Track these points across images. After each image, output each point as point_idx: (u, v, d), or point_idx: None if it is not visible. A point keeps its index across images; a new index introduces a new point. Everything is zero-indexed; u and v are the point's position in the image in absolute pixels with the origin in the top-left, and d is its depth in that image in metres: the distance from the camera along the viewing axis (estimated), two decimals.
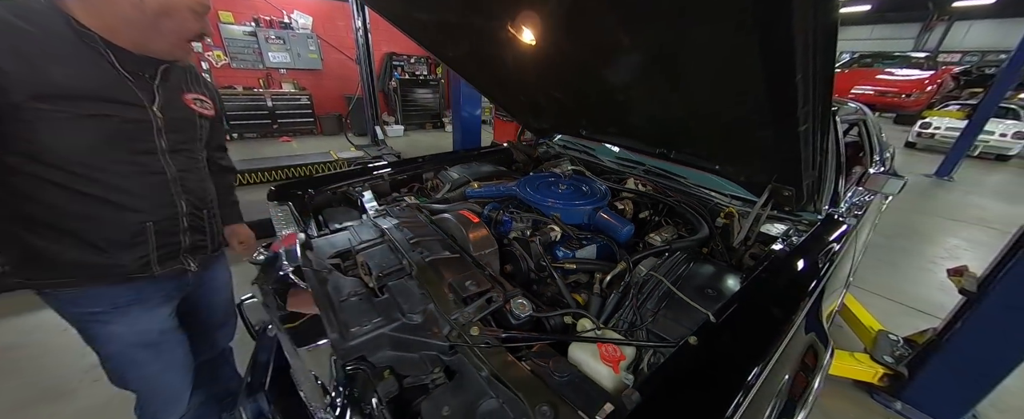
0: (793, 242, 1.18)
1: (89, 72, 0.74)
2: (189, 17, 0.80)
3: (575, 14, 0.82)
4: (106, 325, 0.89)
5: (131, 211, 0.84)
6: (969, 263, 1.87)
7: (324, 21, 6.70)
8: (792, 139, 0.75)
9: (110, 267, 0.85)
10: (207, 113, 1.00)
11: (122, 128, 0.79)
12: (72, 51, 0.72)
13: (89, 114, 0.74)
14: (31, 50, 0.67)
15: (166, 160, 0.88)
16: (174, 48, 0.83)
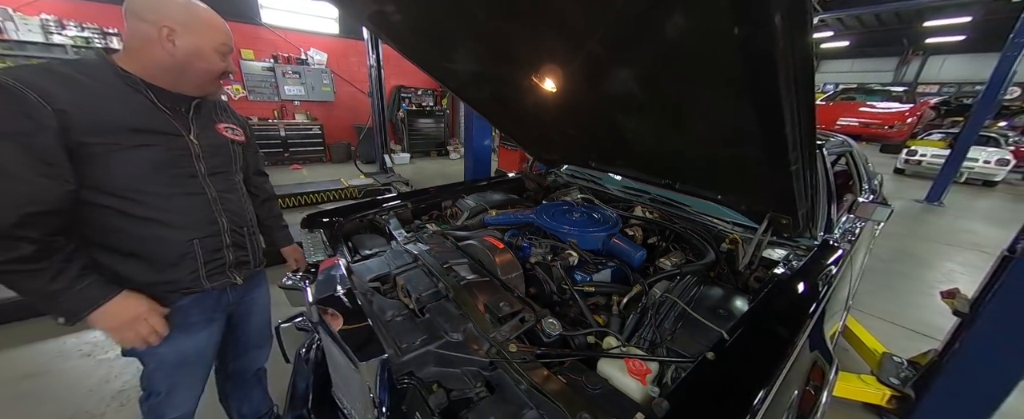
0: (793, 266, 1.29)
1: (134, 110, 0.87)
2: (215, 58, 0.93)
3: (594, 69, 0.98)
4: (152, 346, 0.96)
5: (179, 229, 0.95)
6: (965, 287, 1.95)
7: (338, 57, 7.12)
8: (786, 176, 0.88)
9: (165, 283, 0.95)
10: (238, 139, 1.12)
11: (165, 156, 0.91)
12: (120, 94, 0.85)
13: (136, 145, 0.86)
14: (88, 97, 0.81)
15: (206, 182, 0.99)
16: (204, 85, 0.96)
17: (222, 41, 0.93)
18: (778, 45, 0.51)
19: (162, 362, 1.02)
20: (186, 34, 0.87)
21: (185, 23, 0.87)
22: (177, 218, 0.94)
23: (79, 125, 0.78)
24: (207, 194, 0.99)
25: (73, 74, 0.81)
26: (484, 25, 1.06)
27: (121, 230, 0.88)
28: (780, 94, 0.60)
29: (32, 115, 0.73)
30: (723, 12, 0.53)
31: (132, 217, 0.88)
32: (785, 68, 0.54)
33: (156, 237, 0.92)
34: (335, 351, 0.97)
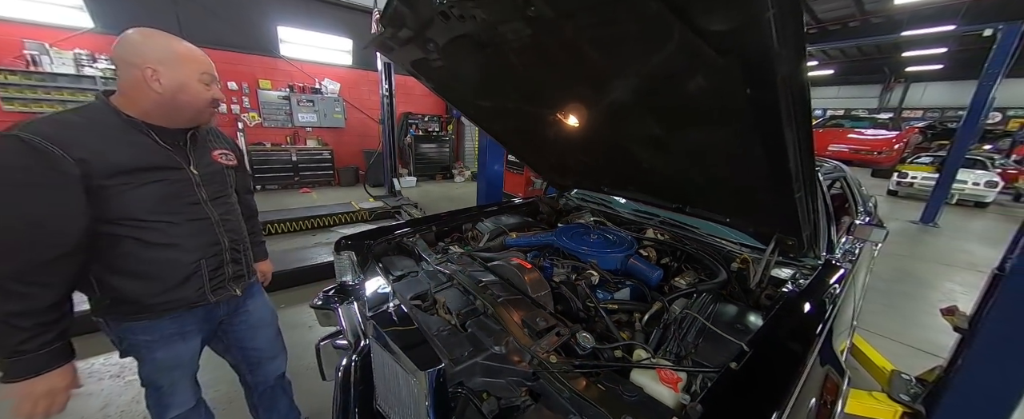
0: (801, 284, 1.39)
1: (141, 151, 0.95)
2: (198, 88, 0.99)
3: (618, 110, 1.12)
4: (152, 351, 1.07)
5: (188, 252, 1.04)
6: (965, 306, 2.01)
7: (350, 86, 7.47)
8: (790, 201, 1.01)
9: (175, 301, 1.04)
10: (231, 163, 1.21)
11: (171, 189, 1.00)
12: (127, 137, 0.94)
13: (145, 182, 0.95)
14: (101, 144, 0.89)
15: (208, 207, 1.08)
16: (196, 116, 1.04)
17: (202, 71, 1.00)
18: (781, 99, 0.65)
19: (159, 366, 1.09)
20: (168, 71, 0.94)
21: (165, 60, 0.94)
22: (186, 242, 1.03)
23: (98, 171, 0.86)
24: (211, 218, 1.09)
25: (85, 123, 0.90)
26: (520, 72, 1.23)
27: (134, 255, 0.96)
28: (783, 135, 0.74)
29: (56, 167, 0.81)
30: (736, 76, 0.68)
31: (145, 243, 0.97)
32: (786, 115, 0.68)
33: (167, 260, 1.01)
34: (387, 362, 1.05)
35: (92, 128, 0.89)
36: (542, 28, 0.89)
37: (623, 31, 0.69)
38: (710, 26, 0.58)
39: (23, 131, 0.80)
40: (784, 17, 0.50)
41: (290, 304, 2.85)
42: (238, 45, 6.23)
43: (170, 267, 1.02)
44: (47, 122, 0.86)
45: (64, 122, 0.88)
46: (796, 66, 0.57)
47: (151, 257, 0.98)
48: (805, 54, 0.55)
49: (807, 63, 0.57)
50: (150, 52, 0.93)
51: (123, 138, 0.93)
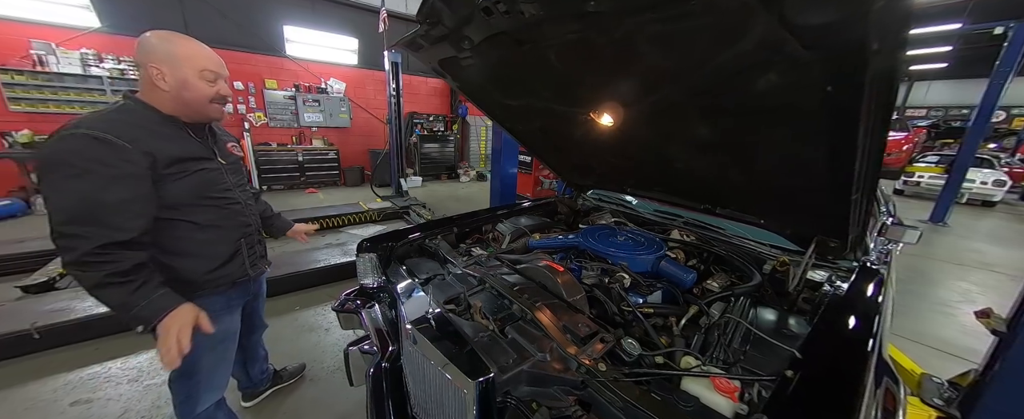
0: (840, 287, 1.36)
1: (182, 142, 1.06)
2: (201, 85, 1.05)
3: (665, 109, 1.09)
4: (214, 321, 1.09)
5: (229, 231, 1.19)
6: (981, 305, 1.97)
7: (356, 86, 7.44)
8: (845, 204, 0.98)
9: (225, 275, 1.18)
10: (240, 154, 1.33)
11: (209, 177, 1.12)
12: (170, 131, 1.04)
13: (191, 171, 1.06)
14: (156, 138, 0.99)
15: (236, 193, 1.21)
16: (204, 110, 1.09)
17: (202, 67, 1.05)
18: (865, 99, 0.62)
19: (212, 340, 1.15)
20: (171, 69, 1.01)
21: (167, 60, 1.01)
22: (226, 223, 1.17)
23: (160, 161, 0.98)
24: (241, 202, 1.23)
25: (133, 120, 0.99)
26: (557, 70, 1.19)
27: (187, 237, 1.09)
28: (856, 136, 0.71)
29: (131, 160, 0.93)
30: (816, 74, 0.64)
31: (195, 225, 1.09)
32: (866, 115, 0.65)
33: (214, 240, 1.15)
34: (428, 369, 1.02)
35: (140, 125, 0.98)
36: (595, 24, 0.85)
37: (695, 25, 0.66)
38: (806, 20, 0.55)
39: (88, 129, 0.89)
40: (892, 9, 0.47)
41: (306, 306, 2.82)
42: (244, 45, 6.20)
43: (217, 246, 1.16)
44: (101, 120, 0.93)
45: (116, 120, 0.96)
46: (892, 64, 0.54)
47: (202, 238, 1.12)
48: (905, 51, 0.52)
49: (904, 61, 0.53)
50: (155, 52, 1.01)
51: (165, 132, 1.03)
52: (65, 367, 2.04)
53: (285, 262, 3.22)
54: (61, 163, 0.87)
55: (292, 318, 2.65)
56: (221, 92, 1.11)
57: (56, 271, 2.82)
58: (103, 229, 0.88)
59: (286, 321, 2.62)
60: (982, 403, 1.66)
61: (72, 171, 0.87)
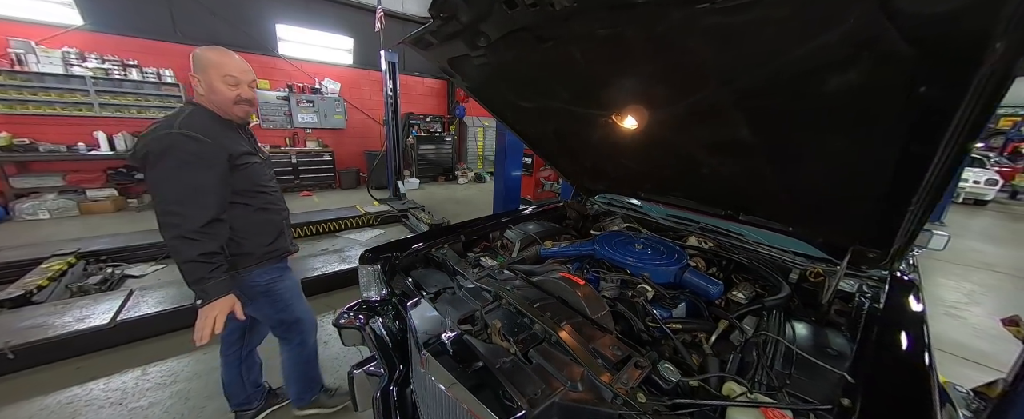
0: (876, 298, 1.28)
1: (237, 138, 1.29)
2: (224, 89, 1.23)
3: (704, 111, 1.00)
4: (281, 281, 1.53)
5: (276, 213, 1.46)
6: (988, 308, 1.90)
7: (351, 86, 7.28)
8: (899, 214, 0.90)
9: (278, 249, 1.47)
10: (269, 153, 1.76)
11: (258, 168, 1.35)
12: (230, 130, 1.28)
13: (248, 163, 1.29)
14: (225, 135, 1.23)
15: (274, 184, 1.46)
16: (229, 110, 1.27)
17: (225, 73, 1.22)
18: (965, 102, 0.54)
19: (287, 292, 1.57)
20: (202, 76, 1.22)
21: (199, 69, 1.22)
22: (272, 207, 1.43)
23: (232, 155, 1.22)
24: (278, 191, 1.49)
25: (202, 121, 1.20)
26: (580, 70, 1.10)
27: (248, 218, 1.34)
28: (937, 144, 0.63)
29: (216, 153, 1.17)
30: (907, 72, 0.56)
31: (253, 208, 1.35)
32: (959, 121, 0.57)
33: (268, 220, 1.42)
34: (445, 399, 0.92)
35: (211, 125, 1.20)
36: (635, 17, 0.76)
37: (765, 16, 0.57)
38: (920, 8, 0.46)
39: (180, 129, 1.12)
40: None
41: None
42: (235, 43, 6.02)
43: (271, 225, 1.43)
44: (184, 122, 1.14)
45: (195, 122, 1.17)
46: (1010, 64, 0.46)
47: (257, 219, 1.37)
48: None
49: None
50: (194, 63, 1.23)
51: (227, 131, 1.26)
52: (42, 390, 1.89)
53: None
54: (166, 156, 1.09)
55: None
56: (242, 95, 1.26)
57: (34, 283, 2.65)
58: (200, 209, 1.11)
59: None
60: (1014, 415, 1.60)
61: (175, 163, 1.09)
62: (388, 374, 1.34)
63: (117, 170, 5.37)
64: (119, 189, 5.36)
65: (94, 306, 2.42)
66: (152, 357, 2.21)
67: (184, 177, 1.10)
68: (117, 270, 3.29)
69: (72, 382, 1.94)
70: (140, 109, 5.42)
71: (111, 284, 3.07)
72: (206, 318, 1.15)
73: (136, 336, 2.36)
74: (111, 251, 3.43)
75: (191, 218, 1.09)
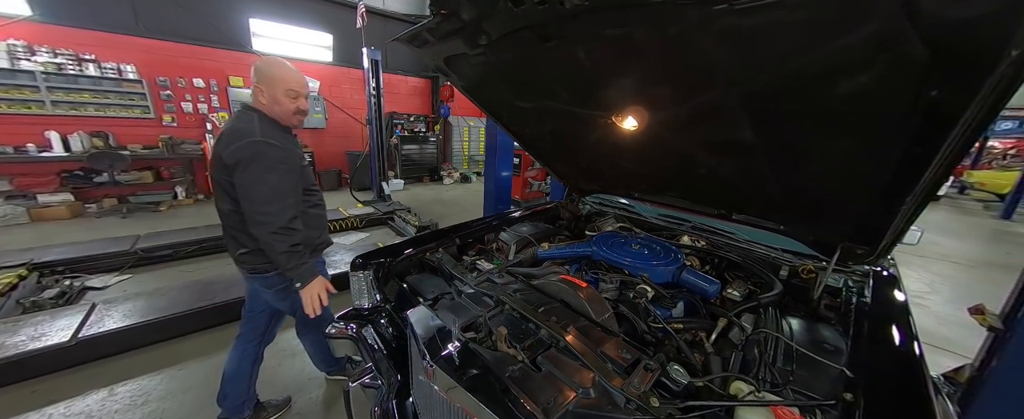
0: (862, 293, 1.33)
1: (296, 146, 1.47)
2: (286, 101, 1.38)
3: (702, 111, 1.01)
4: (322, 271, 1.71)
5: (322, 209, 1.65)
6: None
7: (330, 85, 7.04)
8: (892, 213, 0.93)
9: (323, 241, 1.68)
10: None
11: (307, 172, 1.52)
12: (290, 137, 1.46)
13: (304, 166, 1.48)
14: (290, 143, 1.42)
15: (317, 185, 1.63)
16: (289, 120, 1.44)
17: (287, 88, 1.36)
18: (972, 106, 0.55)
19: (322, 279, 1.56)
20: (267, 88, 1.35)
21: (265, 81, 1.35)
22: (321, 204, 1.64)
23: (299, 159, 1.43)
24: (320, 190, 1.66)
25: (276, 130, 1.38)
26: (584, 70, 1.08)
27: (308, 213, 1.54)
28: (939, 147, 0.65)
29: (291, 158, 1.36)
30: (918, 76, 0.58)
31: (309, 204, 1.55)
32: (963, 125, 0.59)
33: (319, 215, 1.62)
34: (453, 410, 0.89)
35: (279, 133, 1.37)
36: (647, 17, 0.75)
37: (784, 19, 0.57)
38: (944, 12, 0.47)
39: (262, 138, 1.28)
40: None
41: (285, 327, 2.56)
42: (204, 38, 5.70)
43: (319, 220, 1.62)
44: (261, 131, 1.30)
45: (269, 132, 1.33)
46: (1020, 69, 0.47)
47: (313, 214, 1.57)
48: None
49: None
50: (258, 74, 1.36)
51: (290, 138, 1.46)
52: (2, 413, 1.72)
53: None
54: (255, 162, 1.25)
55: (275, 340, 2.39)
56: (301, 107, 1.42)
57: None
58: (286, 208, 1.30)
59: None
60: (982, 399, 1.71)
61: (262, 168, 1.26)
62: (386, 386, 1.29)
63: (73, 173, 4.97)
64: (75, 194, 4.96)
65: (51, 322, 2.22)
66: (120, 376, 2.05)
67: (271, 180, 1.28)
68: (76, 282, 3.04)
69: (28, 407, 1.77)
70: (98, 107, 5.04)
71: (70, 298, 2.83)
72: (311, 297, 1.42)
73: (101, 354, 2.18)
74: (69, 261, 3.16)
75: (279, 216, 1.28)
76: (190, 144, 5.68)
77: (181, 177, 5.71)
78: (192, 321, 2.43)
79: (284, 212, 1.30)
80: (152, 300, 2.52)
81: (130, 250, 3.34)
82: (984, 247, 5.49)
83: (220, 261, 3.68)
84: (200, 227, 4.07)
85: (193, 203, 5.81)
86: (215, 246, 3.79)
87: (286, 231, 1.30)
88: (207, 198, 6.05)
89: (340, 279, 3.07)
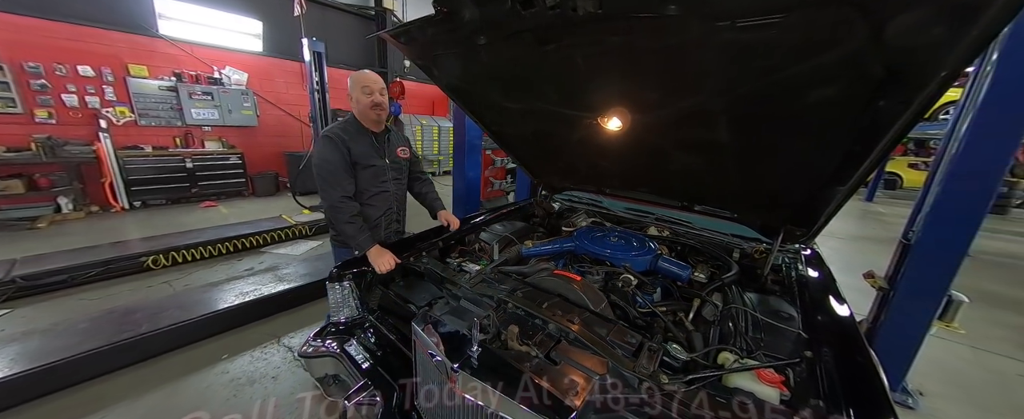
0: (799, 267, 1.59)
1: (365, 147, 1.69)
2: (361, 97, 1.63)
3: (686, 114, 1.12)
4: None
5: (376, 209, 1.80)
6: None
7: (261, 78, 6.29)
8: (830, 198, 1.13)
9: (374, 235, 1.70)
10: (406, 156, 1.91)
11: (375, 172, 1.73)
12: (362, 137, 1.69)
13: (364, 165, 1.69)
14: (353, 142, 1.65)
15: (390, 185, 1.82)
16: (366, 113, 1.67)
17: (363, 85, 1.62)
18: (906, 113, 0.71)
19: None
20: (351, 90, 1.66)
21: (351, 86, 1.65)
22: (378, 202, 1.80)
23: (352, 153, 1.64)
24: (390, 192, 1.84)
25: (348, 128, 1.67)
26: (578, 73, 1.14)
27: (362, 204, 1.72)
28: (877, 144, 0.82)
29: (339, 150, 1.60)
30: (874, 88, 0.72)
31: (364, 196, 1.73)
32: (895, 128, 0.75)
33: (369, 211, 1.76)
34: (487, 413, 0.88)
35: (347, 131, 1.66)
36: (652, 28, 0.82)
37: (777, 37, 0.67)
38: (899, 40, 0.60)
39: (329, 132, 1.65)
40: (976, 40, 0.54)
41: (236, 352, 2.27)
42: (93, 18, 4.72)
43: (370, 213, 1.78)
44: (333, 129, 1.65)
45: (342, 129, 1.66)
46: (944, 85, 0.63)
47: (365, 203, 1.74)
48: (956, 78, 0.61)
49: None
50: (350, 84, 1.67)
51: (359, 136, 1.67)
52: None
53: (194, 301, 2.53)
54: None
55: (221, 371, 2.10)
56: (374, 100, 1.62)
57: None
58: (333, 188, 1.60)
59: (214, 375, 2.07)
60: (875, 347, 2.14)
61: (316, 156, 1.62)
62: (384, 401, 1.22)
63: None
64: None
65: None
66: None
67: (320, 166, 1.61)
68: None
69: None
70: None
71: None
72: (375, 260, 1.53)
73: None
74: None
75: (328, 195, 1.61)
76: (77, 145, 4.68)
77: (65, 186, 4.67)
78: (112, 358, 2.02)
79: (331, 192, 1.64)
80: (48, 339, 2.05)
81: (4, 279, 2.66)
82: (856, 225, 6.78)
83: (137, 283, 3.11)
84: (103, 245, 3.39)
85: (84, 217, 4.80)
86: (130, 267, 3.18)
87: (342, 203, 1.65)
88: (104, 210, 5.04)
89: (294, 294, 2.79)
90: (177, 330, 2.21)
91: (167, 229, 4.13)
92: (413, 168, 2.00)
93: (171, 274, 3.29)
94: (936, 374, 2.41)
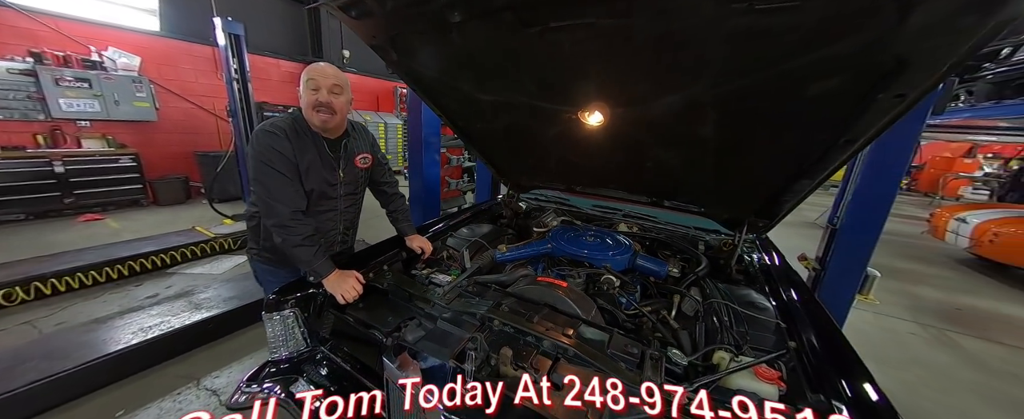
0: (762, 257, 1.68)
1: (313, 156, 1.38)
2: (306, 93, 1.28)
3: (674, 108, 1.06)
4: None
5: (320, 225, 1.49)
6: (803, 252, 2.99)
7: (159, 63, 5.25)
8: (799, 190, 1.18)
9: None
10: (365, 166, 1.55)
11: (322, 189, 1.43)
12: (304, 137, 1.35)
13: (312, 177, 1.38)
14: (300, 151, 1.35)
15: (339, 203, 1.52)
16: (310, 115, 1.31)
17: (309, 78, 1.27)
18: (898, 107, 0.72)
19: None
20: (300, 88, 1.30)
21: (301, 81, 1.30)
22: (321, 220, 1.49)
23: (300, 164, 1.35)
24: (337, 210, 1.53)
25: (296, 126, 1.34)
26: (562, 62, 1.03)
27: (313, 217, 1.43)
28: (860, 141, 0.84)
29: (286, 152, 1.29)
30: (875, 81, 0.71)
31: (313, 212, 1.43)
32: (883, 122, 0.76)
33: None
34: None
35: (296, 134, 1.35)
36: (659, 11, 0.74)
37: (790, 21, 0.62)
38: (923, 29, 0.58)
39: (271, 126, 1.32)
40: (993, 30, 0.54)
41: (138, 406, 1.79)
42: None
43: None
44: (275, 123, 1.33)
45: (288, 126, 1.34)
46: (938, 82, 0.64)
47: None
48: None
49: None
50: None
51: (300, 138, 1.37)
52: None
53: (71, 345, 1.97)
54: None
55: None
56: (318, 99, 1.27)
57: None
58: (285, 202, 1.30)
59: None
60: None
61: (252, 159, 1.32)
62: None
63: None
64: None
65: None
66: None
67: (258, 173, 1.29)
68: None
69: None
70: None
71: None
72: (333, 288, 1.28)
73: None
74: None
75: (273, 210, 1.30)
76: None
77: None
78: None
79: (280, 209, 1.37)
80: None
81: None
82: None
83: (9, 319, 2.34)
84: None
85: None
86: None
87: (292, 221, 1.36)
88: None
89: (217, 322, 2.32)
90: (43, 387, 1.68)
91: (27, 252, 3.22)
92: (377, 178, 1.64)
93: (35, 311, 2.55)
94: (848, 336, 2.80)
